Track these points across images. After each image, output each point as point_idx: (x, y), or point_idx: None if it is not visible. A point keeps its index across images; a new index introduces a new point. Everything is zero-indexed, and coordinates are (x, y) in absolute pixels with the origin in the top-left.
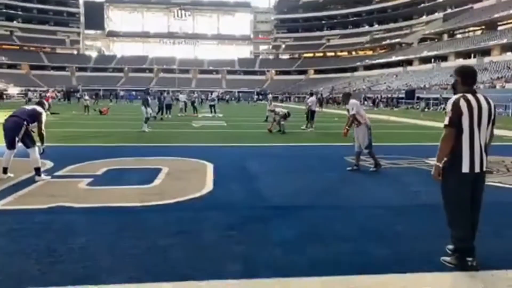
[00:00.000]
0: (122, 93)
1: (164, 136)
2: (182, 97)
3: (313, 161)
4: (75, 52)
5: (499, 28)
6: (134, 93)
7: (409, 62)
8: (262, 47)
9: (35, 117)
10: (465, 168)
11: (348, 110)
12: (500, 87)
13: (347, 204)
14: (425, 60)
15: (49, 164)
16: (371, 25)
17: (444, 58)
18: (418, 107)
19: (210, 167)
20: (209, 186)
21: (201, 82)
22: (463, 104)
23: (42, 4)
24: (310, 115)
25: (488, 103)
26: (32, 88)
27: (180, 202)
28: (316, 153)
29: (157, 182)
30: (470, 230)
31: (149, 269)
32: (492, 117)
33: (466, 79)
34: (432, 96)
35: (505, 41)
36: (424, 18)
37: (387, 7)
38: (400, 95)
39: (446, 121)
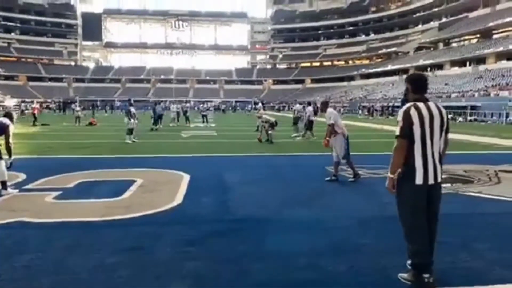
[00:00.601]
0: (118, 103)
1: (148, 147)
2: (174, 107)
3: (294, 171)
4: (72, 63)
5: (494, 36)
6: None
7: (405, 71)
8: (259, 57)
9: (2, 129)
10: (419, 180)
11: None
12: (494, 95)
13: (314, 216)
14: (421, 69)
15: (22, 176)
16: (367, 34)
17: (439, 66)
18: None
19: (186, 178)
20: (179, 199)
21: (199, 92)
22: (413, 113)
23: (40, 16)
24: (308, 124)
25: (440, 111)
26: (28, 100)
27: (144, 216)
28: (299, 163)
29: (127, 194)
30: (427, 244)
31: None
32: (445, 125)
33: (416, 87)
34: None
35: (500, 49)
36: (420, 27)
37: (383, 17)
38: (396, 104)
39: (397, 132)
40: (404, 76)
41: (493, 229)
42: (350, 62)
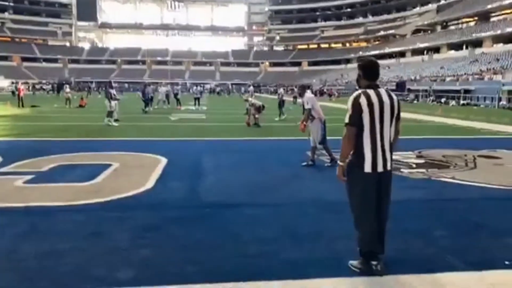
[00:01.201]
0: (115, 85)
1: (132, 130)
2: (163, 89)
3: (274, 156)
4: (67, 44)
5: (492, 19)
6: (126, 85)
7: (402, 54)
8: (256, 39)
9: None
10: (368, 168)
11: (303, 104)
12: (488, 79)
13: (282, 201)
14: (418, 52)
15: None
16: (365, 16)
17: (436, 49)
18: (408, 99)
19: (163, 162)
20: (150, 183)
21: (195, 74)
22: (363, 100)
23: None
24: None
25: (391, 98)
26: (22, 81)
27: (110, 201)
28: (282, 148)
29: (99, 179)
30: (376, 232)
31: (32, 276)
32: (396, 112)
33: (367, 73)
34: (422, 88)
35: (498, 32)
36: (418, 9)
37: None
38: (391, 87)
39: (346, 119)
40: (401, 59)
41: (453, 215)
42: (348, 44)
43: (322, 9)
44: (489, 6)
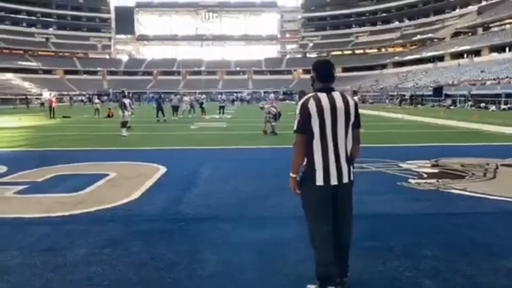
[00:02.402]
0: (151, 95)
1: (147, 139)
2: (186, 99)
3: (279, 164)
4: (106, 56)
5: None
6: (161, 95)
7: (440, 58)
8: (289, 46)
9: None
10: (319, 180)
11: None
12: None
13: (263, 214)
14: (457, 56)
15: (2, 169)
16: (401, 20)
17: (477, 52)
18: (444, 104)
19: (160, 172)
20: (137, 194)
21: (228, 83)
22: (312, 105)
23: (76, 11)
24: None
25: (346, 102)
26: (54, 92)
27: (87, 212)
28: (290, 156)
29: (88, 189)
30: (331, 253)
31: None
32: (352, 119)
33: (319, 74)
34: (459, 92)
35: None
36: (457, 11)
37: (418, 2)
38: (427, 92)
39: (295, 126)
40: (439, 63)
41: (449, 232)
42: (383, 49)
43: (357, 14)
44: None
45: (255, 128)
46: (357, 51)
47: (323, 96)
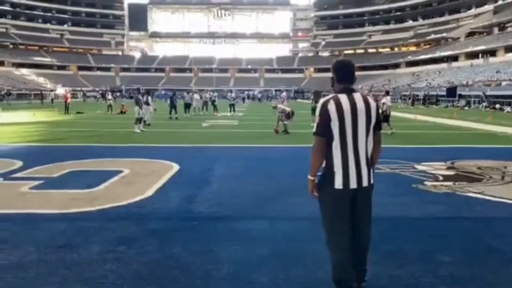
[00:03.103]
0: (163, 92)
1: (159, 136)
2: (197, 96)
3: (288, 164)
4: (119, 53)
5: None
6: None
7: (454, 58)
8: (302, 45)
9: None
10: (338, 184)
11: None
12: None
13: (278, 214)
14: (472, 56)
15: (18, 164)
16: (415, 19)
17: (492, 52)
18: (458, 105)
19: (174, 169)
20: (150, 191)
21: (239, 81)
22: (332, 106)
23: (90, 7)
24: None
25: (367, 104)
26: (69, 88)
27: (102, 209)
28: (305, 155)
29: (102, 186)
30: (348, 257)
31: None
32: (373, 121)
33: (340, 75)
34: (474, 93)
35: None
36: (473, 11)
37: (433, 1)
38: (441, 93)
39: (314, 128)
40: (453, 63)
41: (466, 237)
42: (396, 49)
43: (370, 13)
44: None
45: (266, 127)
46: (370, 50)
47: (343, 98)
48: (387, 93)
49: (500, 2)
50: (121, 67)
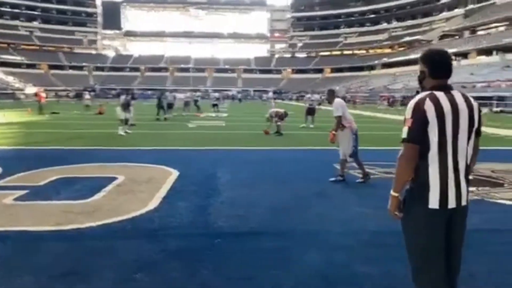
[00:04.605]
0: (139, 92)
1: (146, 138)
2: (180, 96)
3: (297, 169)
4: (92, 51)
5: None
6: (149, 92)
7: None
8: (279, 46)
9: None
10: (434, 203)
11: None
12: None
13: (307, 228)
14: None
15: None
16: (389, 22)
17: (464, 55)
18: None
19: (173, 176)
20: (155, 202)
21: (217, 81)
22: (429, 107)
23: (61, 4)
24: None
25: (469, 103)
26: (42, 88)
27: (104, 225)
28: (305, 159)
29: (98, 196)
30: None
31: None
32: (475, 124)
33: (436, 69)
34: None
35: None
36: (445, 14)
37: (406, 4)
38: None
39: (404, 134)
40: None
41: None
42: (371, 51)
43: (345, 15)
44: None
45: (255, 128)
46: (346, 52)
47: (442, 97)
48: (418, 92)
49: (470, 6)
50: (94, 66)
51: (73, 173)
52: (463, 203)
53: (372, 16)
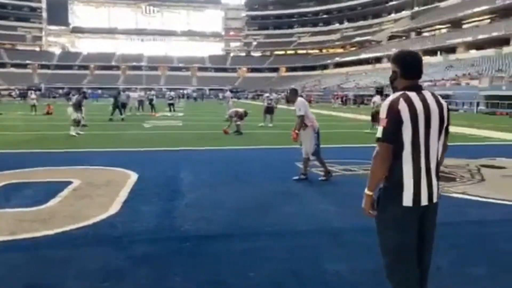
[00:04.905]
0: (89, 91)
1: (101, 139)
2: (134, 95)
3: (259, 168)
4: (37, 48)
5: (464, 26)
6: (99, 91)
7: (378, 60)
8: (234, 44)
9: None
10: (407, 201)
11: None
12: (465, 84)
13: (275, 228)
14: None
15: None
16: (341, 22)
17: None
18: None
19: (132, 178)
20: (116, 207)
21: (171, 79)
22: (403, 107)
23: None
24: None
25: (439, 103)
26: None
27: (63, 232)
28: (267, 158)
29: (53, 202)
30: (416, 286)
31: None
32: (445, 123)
33: (408, 69)
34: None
35: (469, 39)
36: (393, 16)
37: (357, 5)
38: (369, 93)
39: (379, 133)
40: (377, 65)
41: (488, 245)
42: (324, 50)
43: (299, 15)
44: (461, 14)
45: (214, 127)
46: (299, 51)
47: (414, 97)
48: (377, 91)
49: (416, 9)
50: (39, 64)
51: (24, 178)
52: (435, 200)
53: (325, 16)
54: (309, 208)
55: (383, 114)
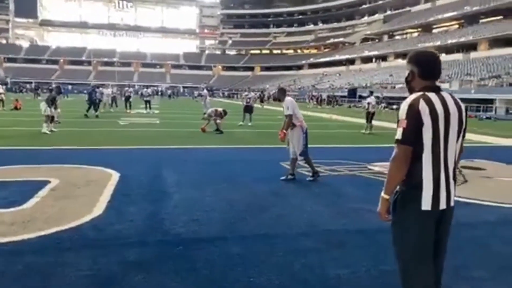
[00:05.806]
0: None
1: (76, 137)
2: (107, 91)
3: (244, 168)
4: (3, 41)
5: (434, 31)
6: (69, 87)
7: (351, 61)
8: (208, 42)
9: None
10: (426, 204)
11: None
12: None
13: (270, 231)
14: (367, 60)
15: None
16: (315, 24)
17: (384, 58)
18: (360, 105)
19: (114, 178)
20: (99, 208)
21: (144, 76)
22: (423, 108)
23: None
24: (370, 116)
25: (458, 106)
26: None
27: (45, 236)
28: (251, 158)
29: (31, 203)
30: None
31: None
32: (464, 125)
33: (426, 69)
34: (374, 95)
35: (438, 43)
36: (366, 18)
37: (331, 7)
38: (342, 93)
39: (399, 135)
40: (351, 66)
41: (483, 247)
42: (299, 51)
43: (274, 15)
44: (431, 19)
45: (191, 125)
46: (275, 51)
47: (434, 98)
48: (371, 93)
49: (388, 12)
50: (5, 57)
51: None
52: (452, 203)
53: (300, 17)
54: (301, 209)
55: (402, 115)
